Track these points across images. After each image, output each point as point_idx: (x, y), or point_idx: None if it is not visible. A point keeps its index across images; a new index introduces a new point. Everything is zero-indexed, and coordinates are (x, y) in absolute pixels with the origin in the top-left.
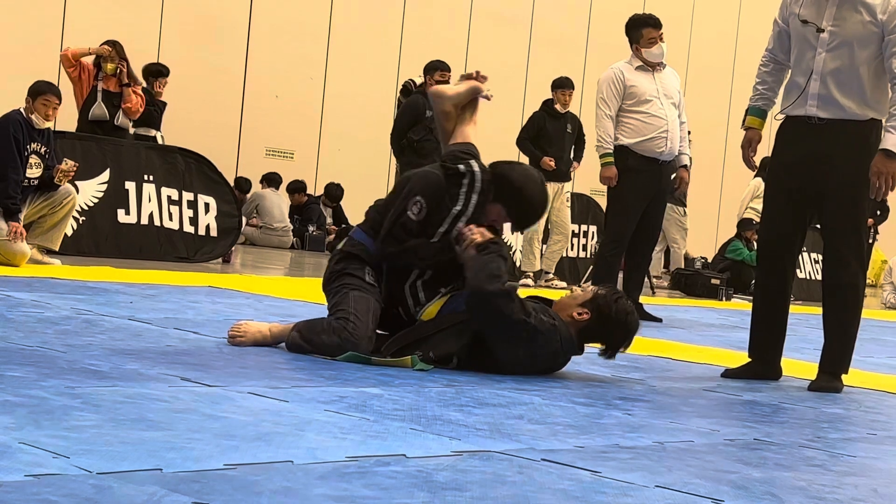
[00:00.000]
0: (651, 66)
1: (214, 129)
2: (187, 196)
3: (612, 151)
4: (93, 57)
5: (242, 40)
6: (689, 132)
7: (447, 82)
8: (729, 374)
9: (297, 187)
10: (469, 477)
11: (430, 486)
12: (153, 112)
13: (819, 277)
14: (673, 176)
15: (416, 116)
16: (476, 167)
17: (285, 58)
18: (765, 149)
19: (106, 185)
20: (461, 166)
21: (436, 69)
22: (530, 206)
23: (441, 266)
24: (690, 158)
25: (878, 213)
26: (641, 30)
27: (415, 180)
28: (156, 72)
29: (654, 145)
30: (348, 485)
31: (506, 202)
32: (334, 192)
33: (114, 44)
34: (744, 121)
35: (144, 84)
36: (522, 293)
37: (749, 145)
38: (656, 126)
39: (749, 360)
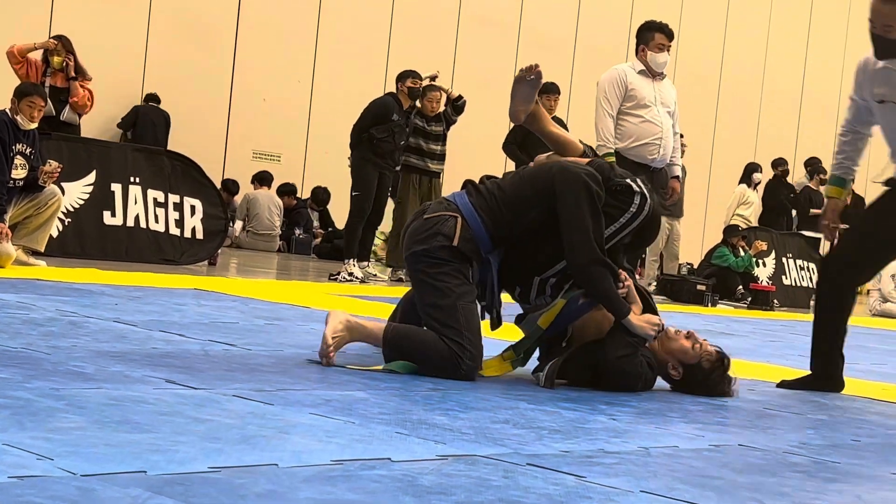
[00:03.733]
0: (652, 74)
1: (201, 131)
2: (173, 198)
3: (613, 151)
4: (40, 53)
5: (230, 43)
6: (683, 145)
7: (418, 89)
8: (785, 385)
9: (286, 190)
10: (454, 481)
11: (415, 490)
12: None
13: (805, 284)
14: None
15: (383, 116)
16: (648, 191)
17: (273, 61)
18: (749, 157)
19: (92, 187)
20: (635, 186)
21: (408, 77)
22: (645, 242)
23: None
24: (684, 168)
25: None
26: (655, 33)
27: (589, 178)
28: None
29: (647, 151)
30: (333, 488)
31: (634, 234)
32: (321, 196)
33: (59, 37)
34: (826, 189)
35: (92, 78)
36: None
37: (831, 214)
38: (651, 132)
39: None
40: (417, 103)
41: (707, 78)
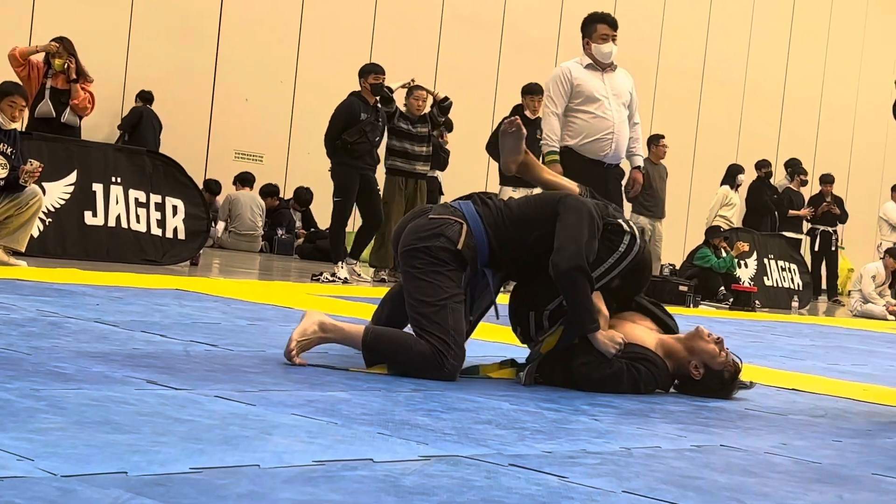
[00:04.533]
0: (601, 66)
1: (183, 131)
2: (155, 198)
3: (557, 150)
4: (42, 55)
5: (212, 43)
6: (665, 146)
7: (381, 84)
8: None
9: (269, 191)
10: (437, 482)
11: (397, 490)
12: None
13: (787, 285)
14: (626, 179)
15: (351, 119)
16: (637, 232)
17: (255, 61)
18: (731, 157)
19: (73, 187)
20: (624, 224)
21: (370, 72)
22: (640, 287)
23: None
24: (665, 169)
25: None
26: (596, 25)
27: (592, 210)
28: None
29: (598, 147)
30: (315, 489)
31: (623, 276)
32: (304, 196)
33: (61, 39)
34: None
35: (93, 80)
36: None
37: None
38: (602, 127)
39: None
40: (400, 103)
41: (689, 78)
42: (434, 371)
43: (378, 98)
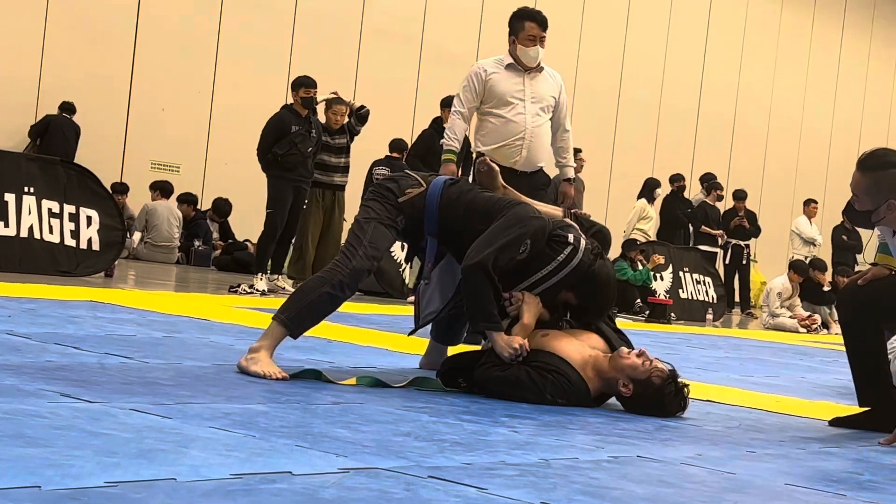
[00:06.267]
0: (523, 67)
1: (98, 140)
2: (69, 209)
3: (455, 149)
4: None
5: (129, 51)
6: (582, 160)
7: (312, 98)
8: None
9: (187, 199)
10: (356, 494)
11: (316, 503)
12: None
13: (701, 297)
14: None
15: (281, 132)
16: (582, 247)
17: (172, 70)
18: (647, 171)
19: None
20: (571, 237)
21: (301, 85)
22: (599, 309)
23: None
24: (582, 182)
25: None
26: (525, 22)
27: (536, 227)
28: None
29: (508, 153)
30: (233, 503)
31: (580, 295)
32: (223, 208)
33: None
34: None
35: None
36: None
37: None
38: (512, 132)
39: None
40: (322, 117)
41: (606, 94)
42: (334, 287)
43: (309, 111)
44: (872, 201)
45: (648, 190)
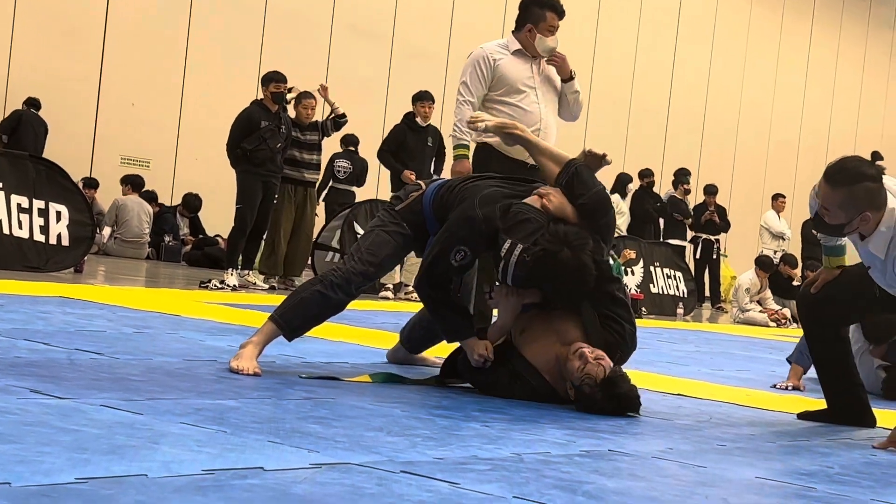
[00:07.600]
0: (532, 54)
1: (67, 135)
2: (38, 204)
3: (467, 143)
4: None
5: (98, 47)
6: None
7: (282, 94)
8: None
9: (149, 197)
10: (328, 489)
11: (287, 499)
12: None
13: (671, 292)
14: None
15: (250, 127)
16: (517, 252)
17: (142, 65)
18: (619, 166)
19: None
20: (507, 243)
21: (271, 80)
22: (564, 299)
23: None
24: None
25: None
26: (547, 12)
27: (462, 230)
28: None
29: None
30: (204, 498)
31: (544, 287)
32: (193, 203)
33: None
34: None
35: None
36: (386, 306)
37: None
38: (527, 122)
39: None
40: (291, 111)
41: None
42: (328, 289)
43: (279, 106)
44: (846, 215)
45: (621, 185)
